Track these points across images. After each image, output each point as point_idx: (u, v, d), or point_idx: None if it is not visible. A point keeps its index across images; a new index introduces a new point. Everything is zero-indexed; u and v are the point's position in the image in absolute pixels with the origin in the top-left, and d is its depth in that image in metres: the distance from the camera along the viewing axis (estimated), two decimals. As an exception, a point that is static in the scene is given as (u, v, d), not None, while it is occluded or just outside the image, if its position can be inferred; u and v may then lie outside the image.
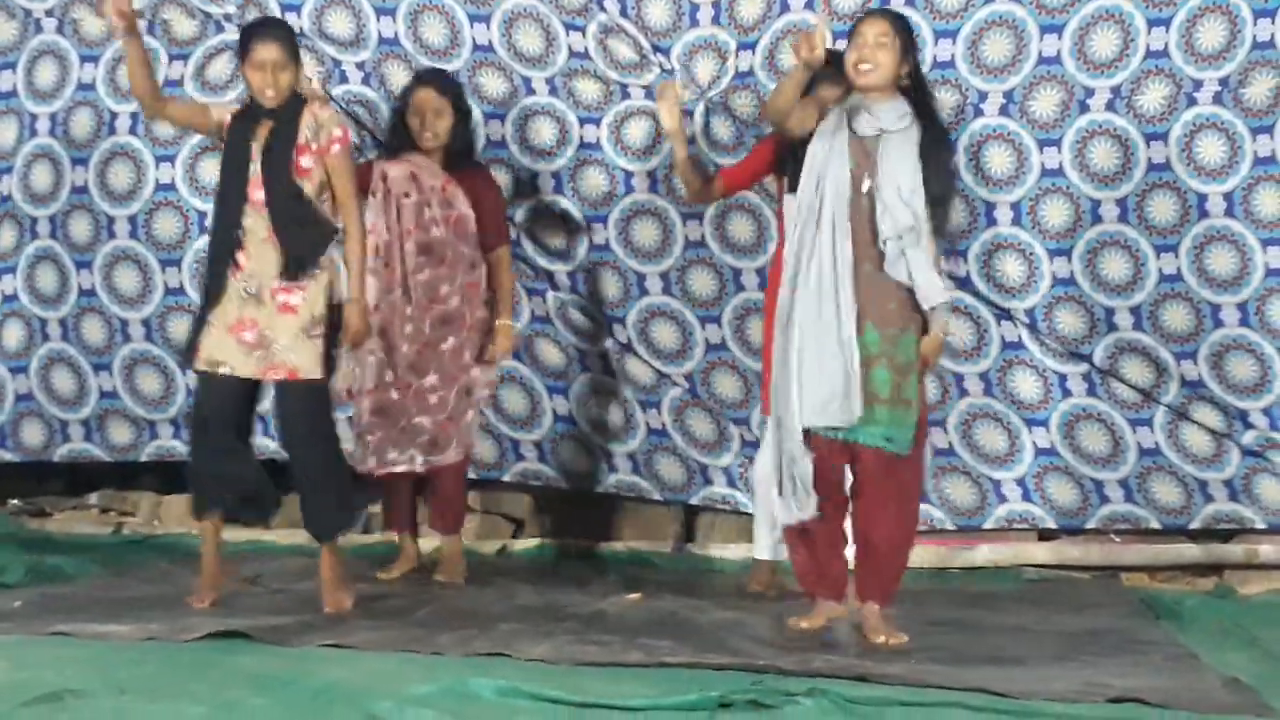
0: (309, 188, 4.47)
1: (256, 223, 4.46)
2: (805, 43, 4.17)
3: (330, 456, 4.59)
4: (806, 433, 4.22)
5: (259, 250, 4.45)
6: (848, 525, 4.37)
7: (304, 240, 4.47)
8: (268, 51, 4.46)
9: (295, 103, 4.50)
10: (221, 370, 4.48)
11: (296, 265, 4.45)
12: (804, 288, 4.22)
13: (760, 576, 5.09)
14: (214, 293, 4.50)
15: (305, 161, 4.47)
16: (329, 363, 4.52)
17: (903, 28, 4.30)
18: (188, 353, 4.54)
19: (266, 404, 4.85)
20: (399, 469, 5.08)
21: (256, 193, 4.46)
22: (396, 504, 5.25)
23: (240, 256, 4.46)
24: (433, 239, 5.07)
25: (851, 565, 4.38)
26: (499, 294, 5.17)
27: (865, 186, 4.21)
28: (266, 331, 4.46)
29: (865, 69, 4.23)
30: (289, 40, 4.52)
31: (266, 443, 5.33)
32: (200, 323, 4.51)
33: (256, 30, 4.54)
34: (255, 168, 4.47)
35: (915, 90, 4.28)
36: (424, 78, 5.18)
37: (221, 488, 4.58)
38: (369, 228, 4.86)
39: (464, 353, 5.10)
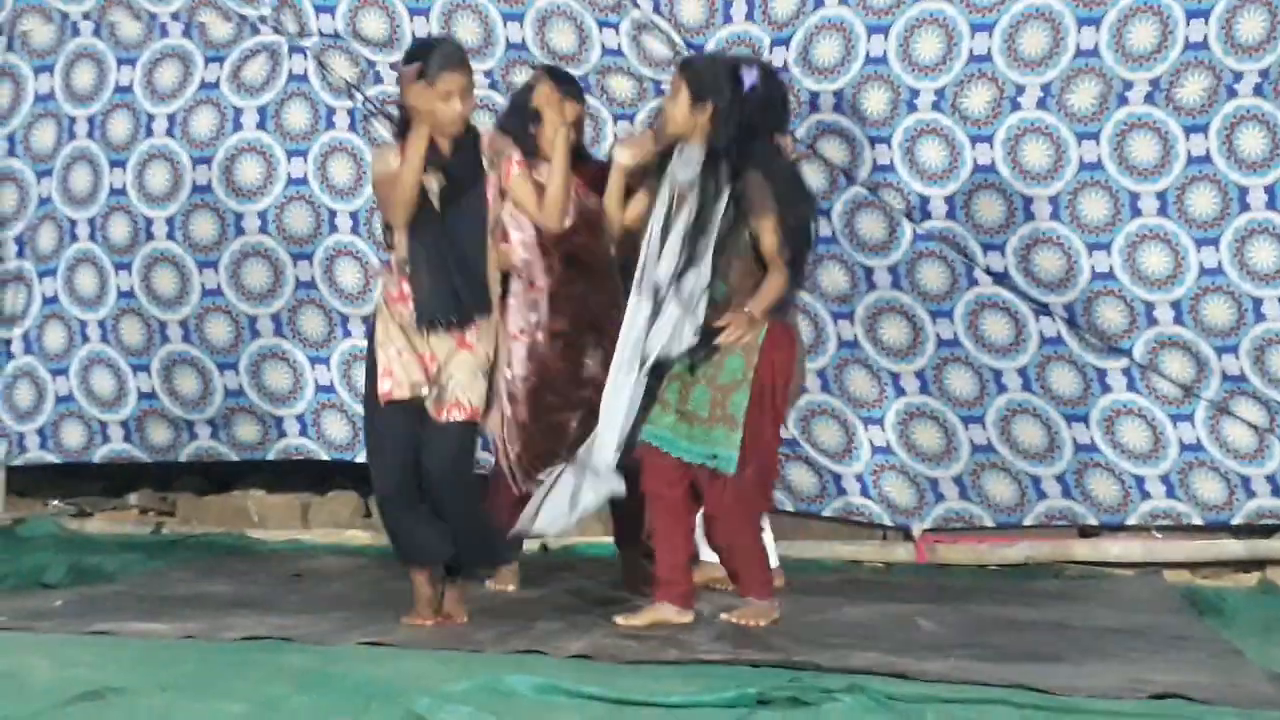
0: (488, 216, 4.26)
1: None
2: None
3: (477, 496, 4.41)
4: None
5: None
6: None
7: (478, 284, 4.22)
8: (460, 79, 4.14)
9: (472, 133, 4.25)
10: (422, 391, 4.22)
11: (472, 311, 4.22)
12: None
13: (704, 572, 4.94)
14: (389, 328, 4.24)
15: (487, 190, 4.27)
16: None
17: (691, 76, 4.26)
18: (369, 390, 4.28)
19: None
20: None
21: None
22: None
23: (406, 286, 4.22)
24: (577, 247, 4.77)
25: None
26: None
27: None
28: (444, 369, 4.21)
29: (662, 121, 4.35)
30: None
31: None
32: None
33: (444, 53, 4.20)
34: (434, 204, 4.19)
35: (718, 140, 4.24)
36: (558, 73, 4.90)
37: (429, 529, 4.30)
38: (512, 242, 4.70)
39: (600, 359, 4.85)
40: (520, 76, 5.41)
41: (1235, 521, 5.36)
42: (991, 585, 5.27)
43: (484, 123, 4.94)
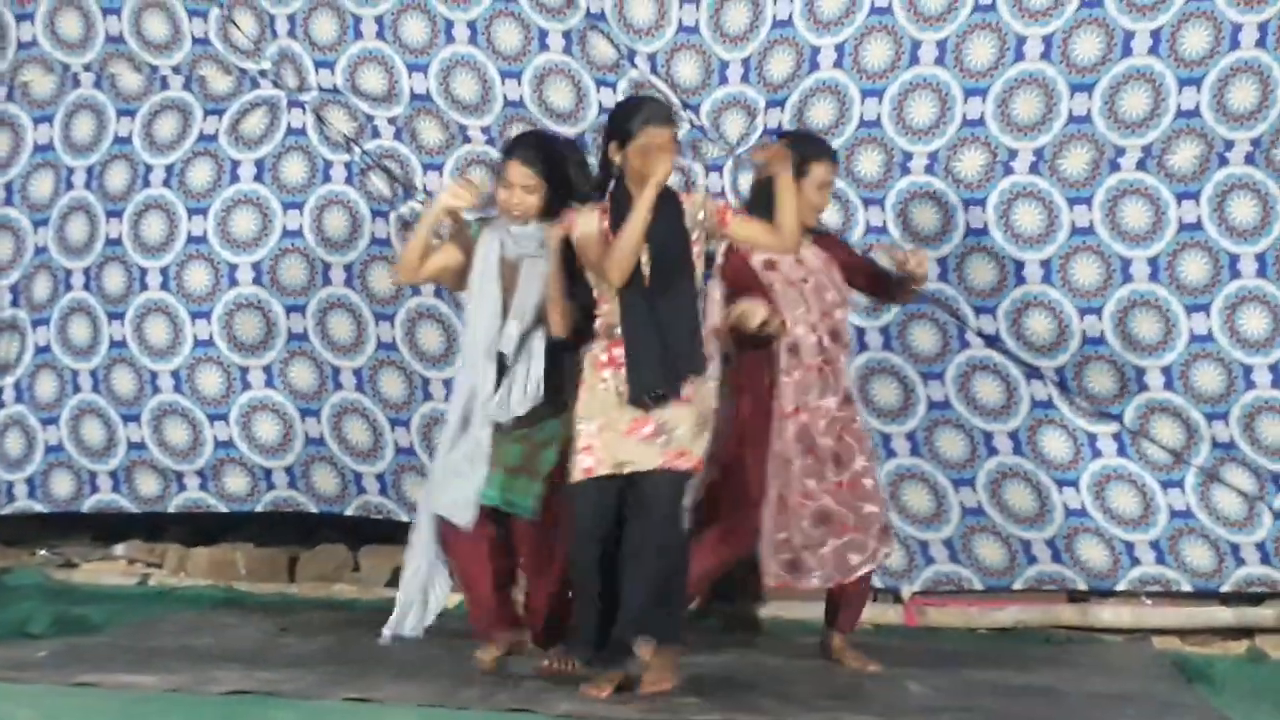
0: (696, 275, 4.26)
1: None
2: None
3: (685, 551, 4.26)
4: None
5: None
6: None
7: (690, 347, 4.20)
8: (664, 133, 4.17)
9: (671, 194, 4.24)
10: (627, 469, 4.16)
11: (684, 376, 4.18)
12: None
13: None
14: (593, 399, 4.22)
15: (693, 251, 4.25)
16: None
17: (544, 170, 4.39)
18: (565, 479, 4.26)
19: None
20: (864, 570, 4.69)
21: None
22: None
23: (615, 350, 4.21)
24: (838, 322, 4.69)
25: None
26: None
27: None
28: (665, 421, 4.17)
29: (515, 211, 4.42)
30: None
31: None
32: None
33: (649, 109, 4.25)
34: (642, 268, 4.17)
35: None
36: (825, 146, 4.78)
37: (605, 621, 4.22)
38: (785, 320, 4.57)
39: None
40: (516, 133, 5.43)
41: (1224, 589, 5.35)
42: (981, 649, 5.26)
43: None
